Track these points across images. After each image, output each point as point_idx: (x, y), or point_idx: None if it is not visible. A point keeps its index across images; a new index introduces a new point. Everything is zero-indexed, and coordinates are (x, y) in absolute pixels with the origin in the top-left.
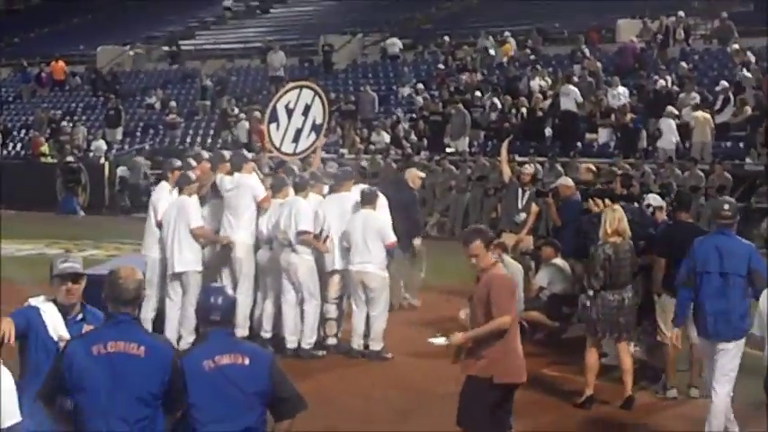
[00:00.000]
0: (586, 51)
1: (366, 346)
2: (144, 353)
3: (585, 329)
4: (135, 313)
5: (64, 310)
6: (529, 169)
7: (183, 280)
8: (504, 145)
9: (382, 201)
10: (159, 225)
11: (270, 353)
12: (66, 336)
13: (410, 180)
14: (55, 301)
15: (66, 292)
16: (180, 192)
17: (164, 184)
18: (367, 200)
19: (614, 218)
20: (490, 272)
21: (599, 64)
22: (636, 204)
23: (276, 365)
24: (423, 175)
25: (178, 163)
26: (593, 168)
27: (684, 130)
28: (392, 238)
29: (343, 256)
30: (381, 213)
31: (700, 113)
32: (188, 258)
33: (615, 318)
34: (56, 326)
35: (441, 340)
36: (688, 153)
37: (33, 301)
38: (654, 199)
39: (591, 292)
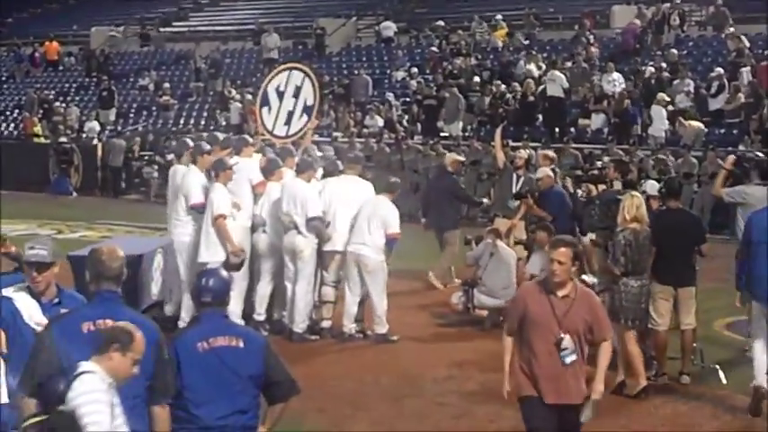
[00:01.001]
0: (591, 37)
1: (361, 331)
2: None
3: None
4: (119, 291)
5: (37, 296)
6: (523, 154)
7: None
8: (498, 131)
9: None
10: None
11: (263, 336)
12: (44, 320)
13: (449, 165)
14: (29, 287)
15: (32, 280)
16: (216, 177)
17: (193, 167)
18: (387, 188)
19: (632, 204)
20: (582, 289)
21: (594, 50)
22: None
23: (270, 349)
24: (462, 158)
25: (207, 147)
26: (551, 155)
27: (677, 116)
28: (395, 229)
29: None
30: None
31: (693, 122)
32: (213, 249)
33: (639, 304)
34: (31, 313)
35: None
36: (679, 140)
37: (5, 292)
38: (650, 186)
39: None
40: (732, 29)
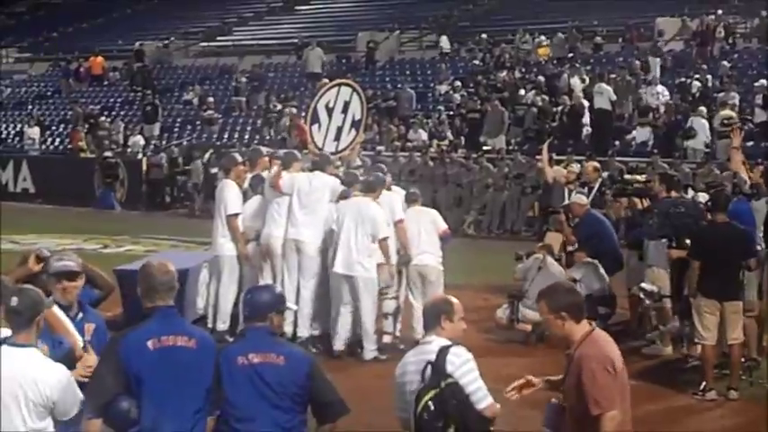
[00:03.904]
0: (662, 46)
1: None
2: (195, 345)
3: None
4: (173, 304)
5: (63, 310)
6: (575, 168)
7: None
8: (545, 146)
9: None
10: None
11: (310, 355)
12: (77, 336)
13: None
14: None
15: (63, 290)
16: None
17: (227, 180)
18: (411, 199)
19: None
20: (584, 345)
21: (637, 62)
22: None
23: (316, 368)
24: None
25: (240, 158)
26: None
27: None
28: (445, 225)
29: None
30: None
31: (725, 112)
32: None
33: None
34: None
35: None
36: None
37: None
38: (702, 197)
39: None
40: None
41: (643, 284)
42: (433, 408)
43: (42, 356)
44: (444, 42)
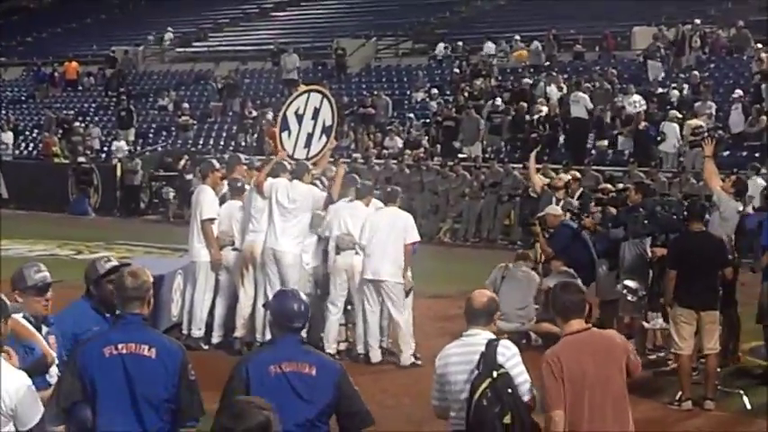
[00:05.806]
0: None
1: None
2: (155, 354)
3: None
4: (143, 313)
5: (38, 322)
6: (564, 177)
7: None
8: (532, 155)
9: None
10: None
11: (339, 365)
12: (50, 350)
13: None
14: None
15: (45, 302)
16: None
17: (203, 186)
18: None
19: None
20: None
21: (614, 71)
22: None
23: (345, 378)
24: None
25: (217, 164)
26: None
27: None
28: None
29: None
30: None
31: (694, 121)
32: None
33: None
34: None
35: None
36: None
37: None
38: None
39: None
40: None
41: (626, 282)
42: (490, 395)
43: (4, 363)
44: (439, 49)
